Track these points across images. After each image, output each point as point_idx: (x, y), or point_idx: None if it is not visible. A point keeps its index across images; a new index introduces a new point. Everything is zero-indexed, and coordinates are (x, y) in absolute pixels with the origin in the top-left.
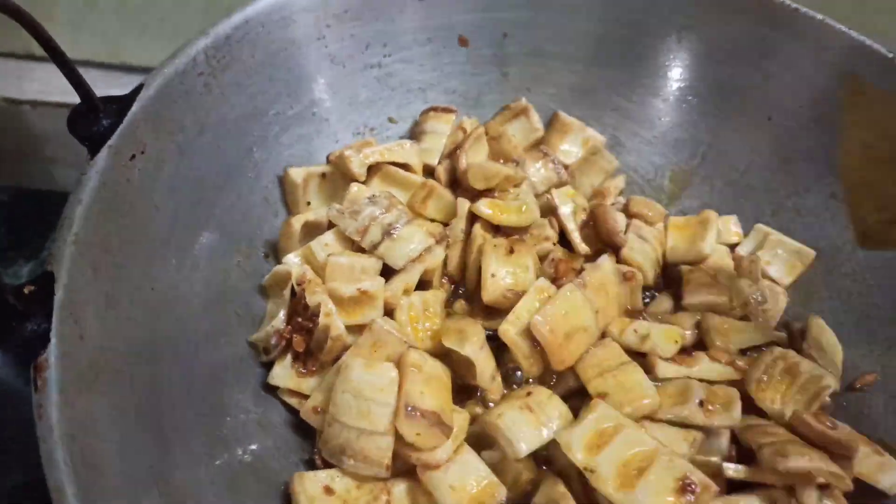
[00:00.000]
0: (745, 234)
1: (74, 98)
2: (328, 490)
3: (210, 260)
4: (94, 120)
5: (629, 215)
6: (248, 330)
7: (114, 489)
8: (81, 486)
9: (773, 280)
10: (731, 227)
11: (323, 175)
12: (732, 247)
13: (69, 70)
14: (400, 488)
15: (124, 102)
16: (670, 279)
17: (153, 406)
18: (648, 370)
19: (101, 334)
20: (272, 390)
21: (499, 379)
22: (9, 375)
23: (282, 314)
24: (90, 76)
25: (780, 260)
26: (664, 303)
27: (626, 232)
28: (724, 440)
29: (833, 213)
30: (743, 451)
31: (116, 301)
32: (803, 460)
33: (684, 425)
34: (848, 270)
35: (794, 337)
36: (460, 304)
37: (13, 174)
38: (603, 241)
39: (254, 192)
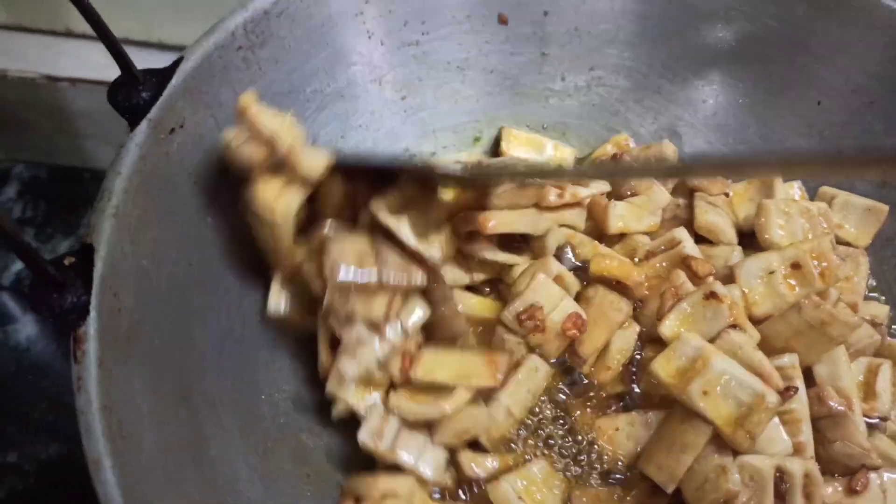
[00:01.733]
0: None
1: (112, 75)
2: None
3: (245, 236)
4: (133, 92)
5: (689, 189)
6: None
7: (150, 461)
8: (119, 458)
9: (848, 244)
10: (793, 192)
11: None
12: None
13: (110, 42)
14: None
15: (164, 75)
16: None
17: (187, 380)
18: None
19: (139, 308)
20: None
21: None
22: (45, 350)
23: None
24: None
25: (854, 220)
26: None
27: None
28: None
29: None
30: None
31: (154, 275)
32: None
33: None
34: None
35: None
36: None
37: (50, 152)
38: None
39: None
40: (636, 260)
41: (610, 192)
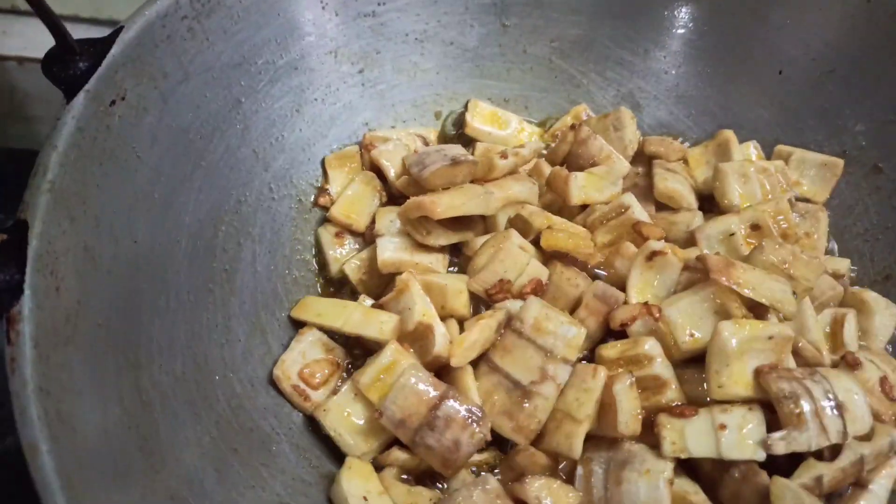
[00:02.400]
0: (767, 157)
1: None
2: None
3: (195, 213)
4: (70, 63)
5: (648, 156)
6: (233, 289)
7: (92, 447)
8: (56, 443)
9: (808, 200)
10: (751, 151)
11: None
12: None
13: (42, 10)
14: None
15: (103, 45)
16: None
17: (134, 363)
18: None
19: (79, 287)
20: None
21: None
22: None
23: None
24: (75, 31)
25: (810, 176)
26: None
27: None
28: None
29: (845, 171)
30: None
31: (95, 253)
32: None
33: None
34: (860, 230)
35: None
36: None
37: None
38: None
39: (243, 145)
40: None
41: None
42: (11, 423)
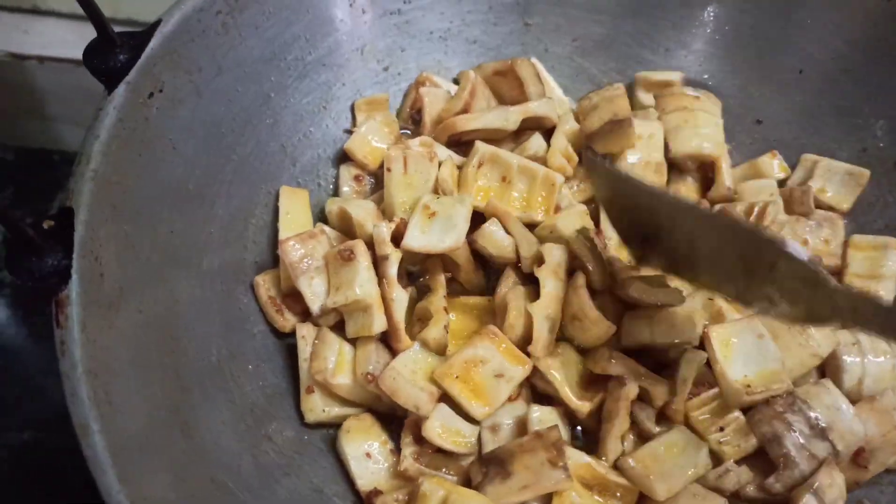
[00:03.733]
0: (791, 166)
1: (79, 52)
2: None
3: (227, 206)
4: (110, 55)
5: None
6: (264, 278)
7: (137, 429)
8: (105, 424)
9: (831, 208)
10: (775, 162)
11: None
12: (782, 182)
13: (86, 4)
14: None
15: (142, 38)
16: None
17: (172, 350)
18: None
19: (121, 273)
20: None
21: None
22: (16, 335)
23: None
24: (88, 30)
25: (835, 185)
26: None
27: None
28: None
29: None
30: None
31: (135, 241)
32: None
33: None
34: (880, 227)
35: None
36: None
37: (17, 133)
38: None
39: (272, 139)
40: None
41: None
42: (31, 419)
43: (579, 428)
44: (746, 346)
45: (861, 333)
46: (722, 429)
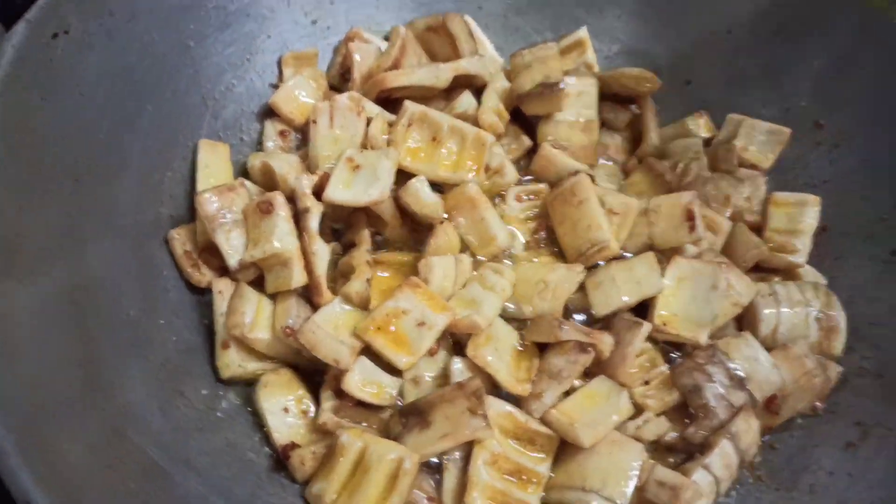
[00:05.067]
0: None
1: None
2: None
3: (142, 156)
4: None
5: None
6: (180, 232)
7: (32, 379)
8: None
9: (753, 165)
10: (701, 121)
11: None
12: (708, 141)
13: None
14: None
15: None
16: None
17: (75, 300)
18: None
19: (19, 220)
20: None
21: None
22: None
23: None
24: None
25: (758, 143)
26: None
27: None
28: None
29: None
30: None
31: (36, 187)
32: None
33: None
34: (799, 184)
35: None
36: None
37: None
38: None
39: (191, 91)
40: None
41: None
42: None
43: None
44: (696, 290)
45: (777, 285)
46: (647, 382)
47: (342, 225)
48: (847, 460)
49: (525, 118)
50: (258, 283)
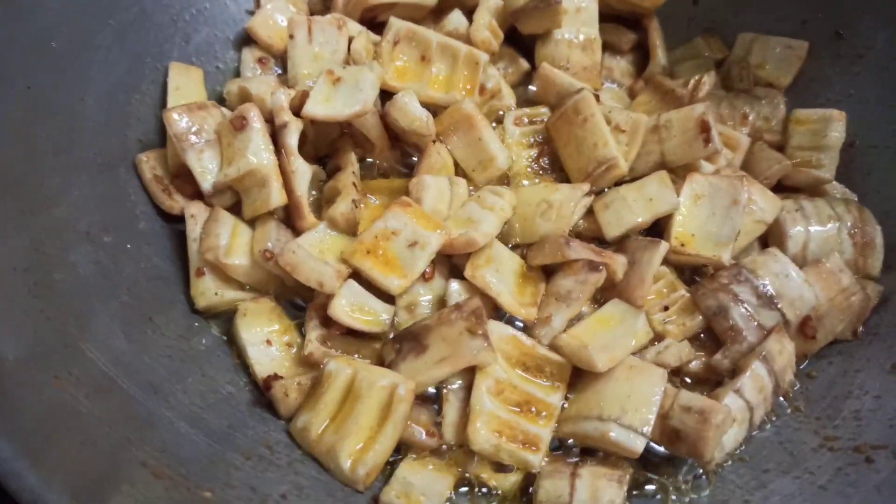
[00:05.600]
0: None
1: None
2: None
3: (105, 74)
4: None
5: None
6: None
7: None
8: None
9: (770, 84)
10: (712, 41)
11: None
12: (720, 62)
13: None
14: None
15: None
16: None
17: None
18: None
19: None
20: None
21: None
22: None
23: None
24: None
25: (774, 60)
26: None
27: None
28: None
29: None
30: None
31: None
32: None
33: None
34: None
35: None
36: None
37: None
38: None
39: (158, 9)
40: None
41: None
42: None
43: None
44: (714, 207)
45: (804, 200)
46: (666, 308)
47: (327, 154)
48: (895, 382)
49: (522, 41)
50: (236, 212)
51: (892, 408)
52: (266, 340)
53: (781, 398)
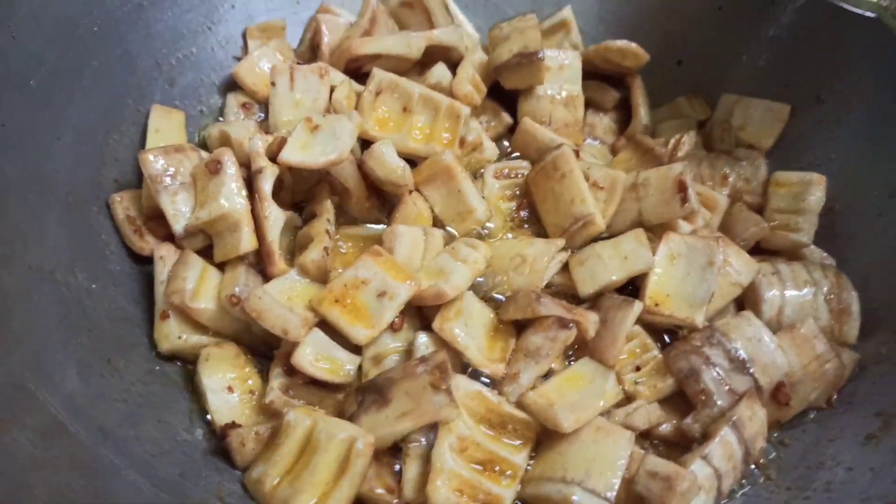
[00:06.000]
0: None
1: None
2: None
3: (83, 113)
4: None
5: None
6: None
7: None
8: None
9: (751, 146)
10: (695, 102)
11: None
12: (703, 123)
13: None
14: None
15: None
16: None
17: None
18: None
19: None
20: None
21: None
22: None
23: None
24: None
25: (756, 121)
26: None
27: None
28: None
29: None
30: None
31: None
32: None
33: None
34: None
35: None
36: None
37: None
38: None
39: (144, 53)
40: None
41: None
42: None
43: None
44: (689, 268)
45: (781, 264)
46: (638, 368)
47: (305, 200)
48: (868, 454)
49: (506, 95)
50: (208, 256)
51: (865, 481)
52: (227, 387)
53: (754, 466)
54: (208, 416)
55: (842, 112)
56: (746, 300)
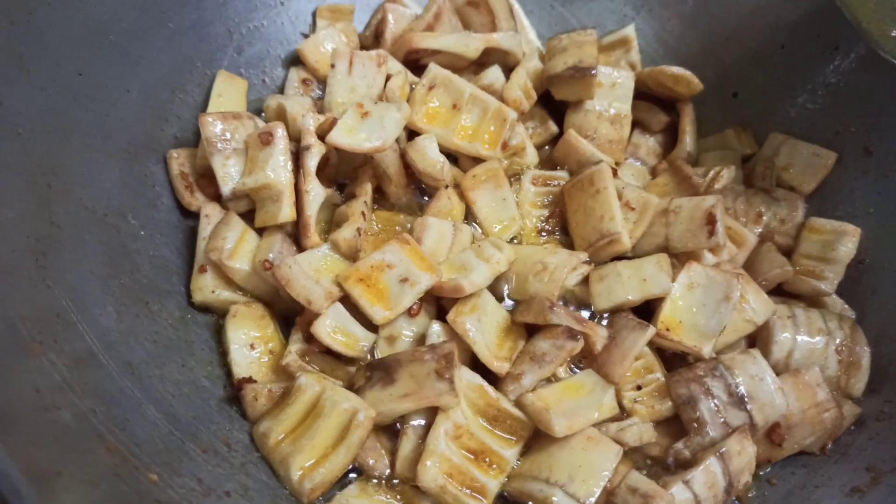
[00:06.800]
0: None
1: None
2: None
3: (152, 70)
4: None
5: None
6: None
7: None
8: None
9: (792, 188)
10: (743, 136)
11: None
12: (748, 157)
13: None
14: None
15: None
16: None
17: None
18: None
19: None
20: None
21: None
22: None
23: None
24: None
25: (800, 164)
26: None
27: None
28: None
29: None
30: None
31: (30, 65)
32: None
33: None
34: (841, 214)
35: None
36: None
37: None
38: None
39: (217, 20)
40: None
41: None
42: None
43: None
44: (706, 299)
45: (798, 308)
46: (639, 387)
47: (347, 180)
48: None
49: (556, 106)
50: (250, 219)
51: None
52: (250, 344)
53: (735, 499)
54: (228, 368)
55: (888, 167)
56: (759, 338)
